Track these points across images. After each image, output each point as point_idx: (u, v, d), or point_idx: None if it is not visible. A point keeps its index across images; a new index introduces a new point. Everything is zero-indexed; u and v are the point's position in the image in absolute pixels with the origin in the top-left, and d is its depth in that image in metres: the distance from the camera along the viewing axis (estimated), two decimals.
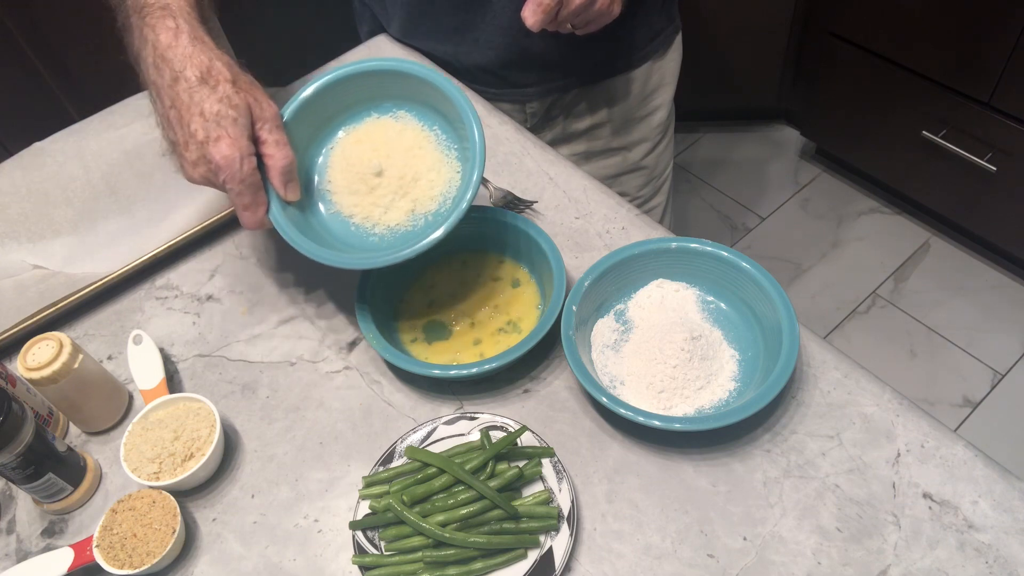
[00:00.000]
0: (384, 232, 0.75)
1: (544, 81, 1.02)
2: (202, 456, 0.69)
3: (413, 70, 0.75)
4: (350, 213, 0.76)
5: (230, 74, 0.68)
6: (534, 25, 0.74)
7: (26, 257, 0.85)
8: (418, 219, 0.75)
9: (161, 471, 0.68)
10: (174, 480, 0.67)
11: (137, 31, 0.70)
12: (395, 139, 0.77)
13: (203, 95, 0.66)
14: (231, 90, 0.67)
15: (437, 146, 0.76)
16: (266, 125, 0.68)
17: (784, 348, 0.68)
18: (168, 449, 0.69)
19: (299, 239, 0.70)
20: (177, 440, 0.69)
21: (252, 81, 0.70)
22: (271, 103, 0.69)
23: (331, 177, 0.77)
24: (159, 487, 0.67)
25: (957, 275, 1.94)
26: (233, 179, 0.66)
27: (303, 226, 0.72)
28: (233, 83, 0.67)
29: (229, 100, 0.66)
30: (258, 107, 0.68)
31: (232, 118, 0.66)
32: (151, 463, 0.68)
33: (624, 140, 1.10)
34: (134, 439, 0.70)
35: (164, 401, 0.73)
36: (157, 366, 0.76)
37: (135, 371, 0.76)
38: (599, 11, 0.77)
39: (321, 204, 0.77)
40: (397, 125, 0.78)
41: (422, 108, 0.77)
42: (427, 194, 0.75)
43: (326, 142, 0.79)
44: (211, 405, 0.71)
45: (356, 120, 0.79)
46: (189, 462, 0.69)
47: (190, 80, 0.66)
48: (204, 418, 0.71)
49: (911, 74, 1.70)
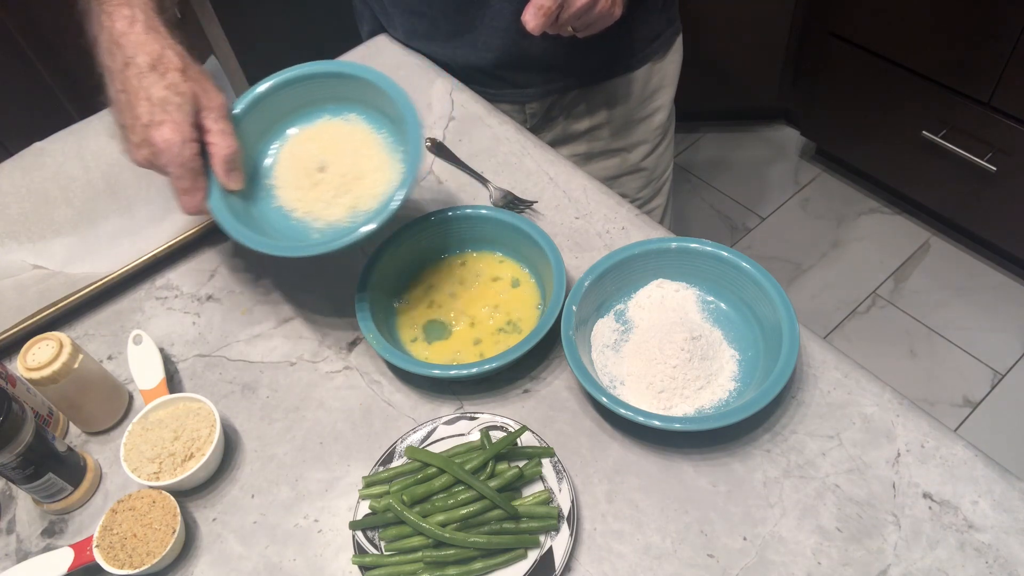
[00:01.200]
0: (324, 227, 0.76)
1: (543, 82, 1.01)
2: (202, 456, 0.69)
3: (362, 73, 0.77)
4: (292, 207, 0.77)
5: (180, 63, 0.69)
6: (535, 29, 0.74)
7: (26, 257, 0.85)
8: (358, 216, 0.75)
9: (161, 471, 0.68)
10: (174, 480, 0.67)
11: (95, 16, 0.72)
12: (343, 139, 0.78)
13: (151, 81, 0.68)
14: (179, 78, 0.69)
15: (384, 148, 0.78)
16: (211, 114, 0.70)
17: (784, 348, 0.68)
18: (168, 449, 0.69)
19: (235, 226, 0.71)
20: (177, 440, 0.69)
21: (203, 71, 0.72)
22: (219, 93, 0.71)
23: (277, 172, 0.79)
24: (159, 487, 0.67)
25: (957, 275, 1.94)
26: (173, 163, 0.68)
27: (243, 216, 0.73)
28: (182, 72, 0.69)
29: (176, 87, 0.68)
30: (205, 96, 0.70)
31: (177, 104, 0.68)
32: (151, 463, 0.68)
33: (624, 141, 1.09)
34: (134, 439, 0.70)
35: (164, 401, 0.73)
36: (157, 366, 0.76)
37: (135, 371, 0.76)
38: (600, 14, 0.77)
39: (266, 198, 0.78)
40: (347, 126, 0.80)
41: (373, 112, 0.79)
42: (369, 192, 0.76)
43: (276, 139, 0.80)
44: (211, 405, 0.71)
45: (308, 120, 0.81)
46: (189, 462, 0.69)
47: (140, 66, 0.68)
48: (204, 418, 0.71)
49: (911, 74, 1.70)
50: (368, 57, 1.07)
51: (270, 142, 0.80)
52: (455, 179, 0.92)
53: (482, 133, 0.96)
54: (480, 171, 0.92)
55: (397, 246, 0.80)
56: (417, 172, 0.72)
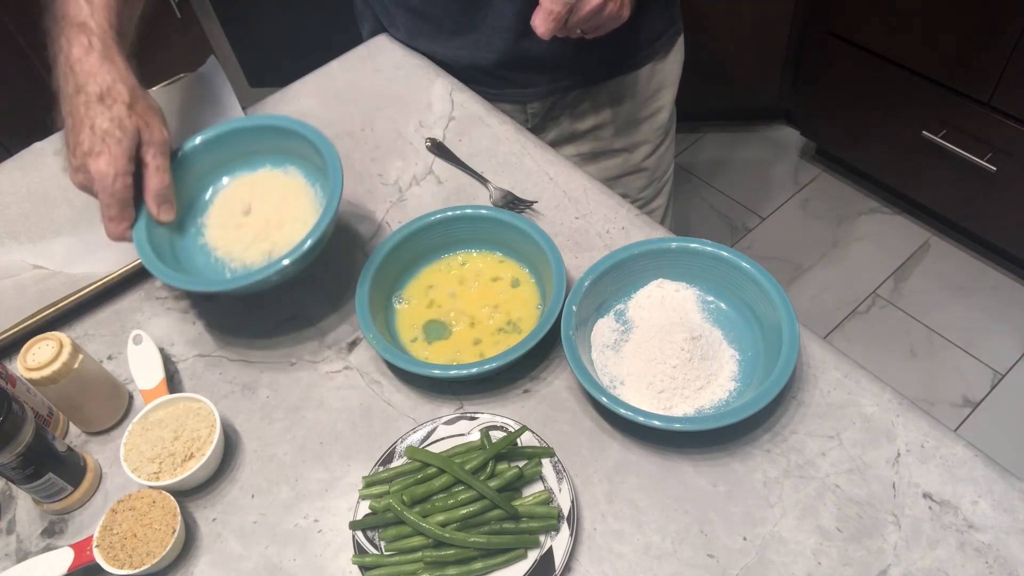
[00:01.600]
0: (238, 267, 0.79)
1: (545, 82, 1.01)
2: (202, 456, 0.69)
3: (300, 129, 0.80)
4: (215, 246, 0.81)
5: (128, 96, 0.72)
6: (545, 33, 0.75)
7: (26, 257, 0.85)
8: (281, 258, 0.75)
9: (161, 471, 0.68)
10: (174, 480, 0.67)
11: (55, 38, 0.74)
12: (275, 188, 0.82)
13: (97, 112, 0.71)
14: (124, 112, 0.72)
15: (312, 202, 0.81)
16: (151, 150, 0.73)
17: (784, 348, 0.68)
18: (168, 449, 0.69)
19: (148, 256, 0.74)
20: (177, 440, 0.69)
21: (150, 106, 0.74)
22: (162, 129, 0.74)
23: (210, 211, 0.83)
24: (159, 487, 0.67)
25: (957, 275, 1.94)
26: (103, 192, 0.72)
27: (165, 247, 0.77)
28: (128, 106, 0.72)
29: (119, 121, 0.71)
30: (148, 132, 0.73)
31: (117, 138, 0.71)
32: (151, 463, 0.68)
33: (626, 141, 1.09)
34: (134, 439, 0.70)
35: (164, 401, 0.73)
36: (157, 366, 0.76)
37: (135, 371, 0.76)
38: (609, 16, 0.77)
39: (195, 234, 0.82)
40: (284, 178, 0.84)
41: (311, 167, 0.83)
42: (287, 239, 0.78)
43: (218, 180, 0.84)
44: (211, 405, 0.71)
45: (251, 167, 0.85)
46: (189, 462, 0.69)
47: (90, 95, 0.71)
48: (204, 418, 0.71)
49: (911, 74, 1.70)
50: (368, 57, 1.07)
51: (213, 182, 0.84)
52: (455, 179, 0.93)
53: (482, 133, 0.96)
54: (480, 171, 0.92)
55: (397, 246, 0.80)
56: (331, 220, 0.74)
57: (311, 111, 1.03)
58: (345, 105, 1.03)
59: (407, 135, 0.98)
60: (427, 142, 0.96)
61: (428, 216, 0.82)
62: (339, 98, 1.04)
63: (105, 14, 0.74)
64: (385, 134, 0.99)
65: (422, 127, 0.98)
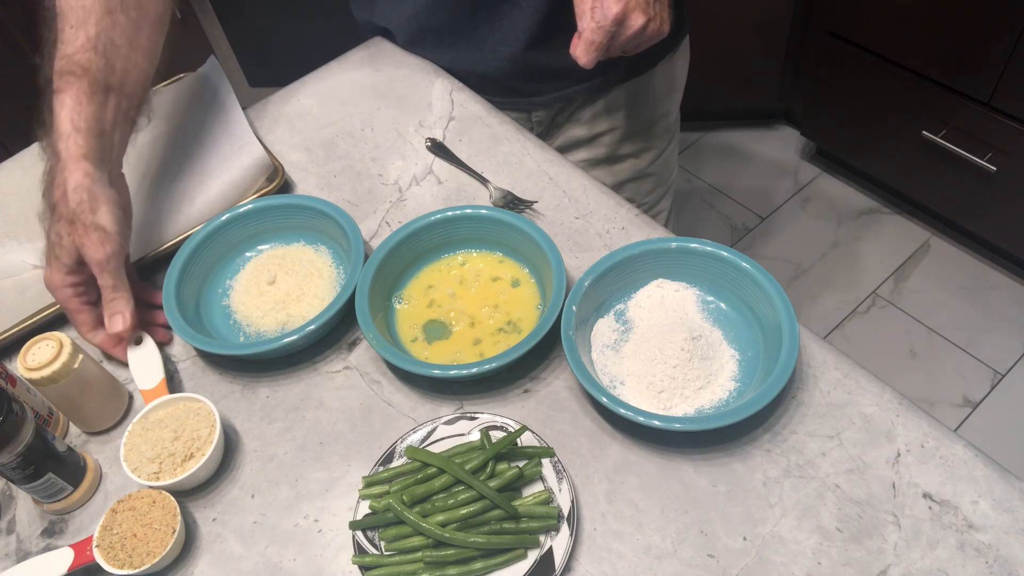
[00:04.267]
0: (252, 333, 0.81)
1: (551, 90, 1.00)
2: (202, 456, 0.69)
3: (338, 217, 0.83)
4: (235, 309, 0.83)
5: (71, 212, 0.71)
6: (588, 63, 0.73)
7: (26, 257, 0.85)
8: (285, 333, 0.76)
9: (161, 471, 0.68)
10: (174, 480, 0.67)
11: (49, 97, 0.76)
12: (303, 263, 0.85)
13: (49, 224, 0.74)
14: (65, 230, 0.72)
15: (333, 281, 0.84)
16: (95, 269, 0.73)
17: (784, 348, 0.68)
18: (168, 449, 0.69)
19: (175, 313, 0.78)
20: (177, 440, 0.69)
21: (95, 223, 0.72)
22: (102, 247, 0.72)
23: (239, 276, 0.86)
24: (159, 487, 0.67)
25: (957, 275, 1.94)
26: (59, 301, 0.76)
27: (189, 305, 0.81)
28: (70, 223, 0.72)
29: (59, 239, 0.73)
30: (87, 250, 0.72)
31: (55, 255, 0.73)
32: (151, 463, 0.68)
33: (632, 147, 1.08)
34: (134, 439, 0.70)
35: (164, 401, 0.73)
36: (157, 366, 0.76)
37: (135, 371, 0.76)
38: (650, 35, 0.73)
39: (222, 295, 0.85)
40: (314, 255, 0.86)
41: (339, 251, 0.86)
42: (300, 313, 0.81)
43: (254, 248, 0.88)
44: (211, 405, 0.71)
45: (286, 241, 0.88)
46: (189, 462, 0.69)
47: (50, 197, 0.73)
48: (204, 418, 0.71)
49: (911, 74, 1.70)
50: (368, 58, 1.07)
51: (250, 248, 0.88)
52: (455, 179, 0.93)
53: (482, 133, 0.96)
54: (480, 171, 0.92)
55: (397, 246, 0.80)
56: (343, 302, 0.76)
57: (311, 111, 1.03)
58: (345, 105, 1.03)
59: (407, 135, 0.98)
60: (427, 142, 0.96)
61: (428, 216, 0.82)
62: (339, 98, 1.04)
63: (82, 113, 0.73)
64: (385, 134, 0.99)
65: (422, 127, 0.98)
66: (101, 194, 0.72)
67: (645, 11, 0.70)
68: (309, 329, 0.75)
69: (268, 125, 1.01)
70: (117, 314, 0.75)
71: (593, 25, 0.70)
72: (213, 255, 0.85)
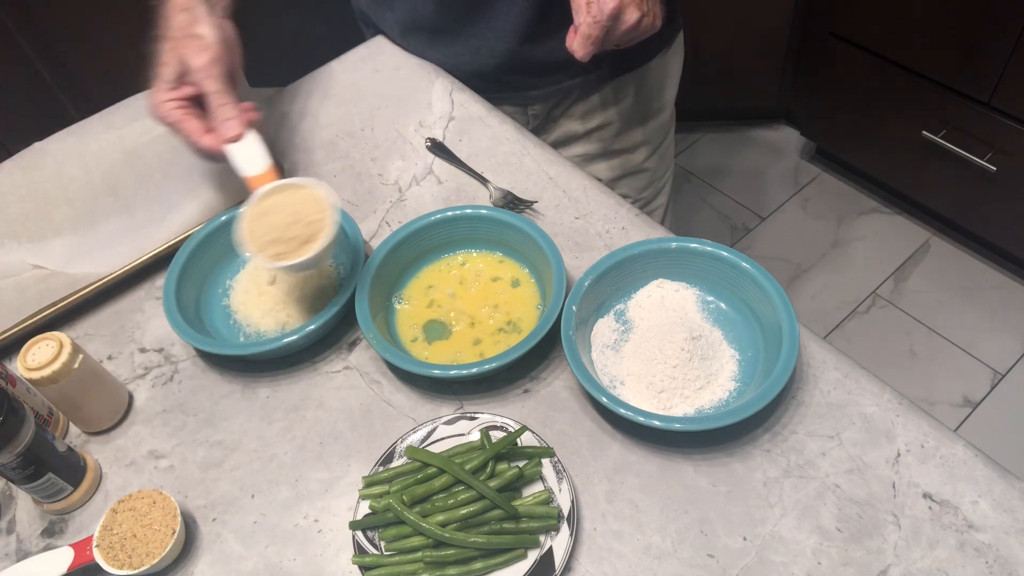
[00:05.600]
0: (252, 333, 0.81)
1: (546, 84, 1.01)
2: (322, 240, 0.70)
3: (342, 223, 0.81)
4: (235, 309, 0.83)
5: (172, 31, 0.76)
6: (584, 57, 0.74)
7: (26, 257, 0.85)
8: (284, 333, 0.77)
9: (284, 252, 0.70)
10: (299, 260, 0.69)
11: None
12: None
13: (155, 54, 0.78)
14: (167, 46, 0.76)
15: (333, 281, 0.83)
16: (199, 76, 0.75)
17: (784, 348, 0.68)
18: (289, 232, 0.70)
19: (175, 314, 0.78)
20: (296, 223, 0.71)
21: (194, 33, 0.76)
22: (203, 52, 0.75)
23: (239, 276, 0.86)
24: (283, 267, 0.70)
25: (957, 275, 1.94)
26: (161, 122, 0.78)
27: (189, 304, 0.81)
28: (172, 39, 0.76)
29: (161, 57, 0.76)
30: (189, 57, 0.75)
31: (157, 75, 0.76)
32: (272, 245, 0.70)
33: (626, 142, 1.09)
34: (250, 223, 0.72)
35: (272, 188, 0.73)
36: (261, 153, 0.77)
37: (239, 160, 0.76)
38: (644, 30, 0.76)
39: (222, 295, 0.85)
40: None
41: (338, 251, 0.84)
42: (300, 313, 0.81)
43: None
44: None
45: None
46: (309, 244, 0.70)
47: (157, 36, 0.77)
48: (318, 203, 0.72)
49: (911, 74, 1.70)
50: (368, 57, 1.07)
51: None
52: (455, 179, 0.93)
53: (482, 133, 0.96)
54: (480, 171, 0.92)
55: (397, 246, 0.80)
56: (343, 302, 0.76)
57: (311, 111, 1.03)
58: (345, 105, 1.03)
59: (407, 135, 0.98)
60: (427, 142, 0.96)
61: (428, 216, 0.82)
62: (339, 98, 1.04)
63: None
64: (385, 134, 0.99)
65: (422, 127, 0.98)
66: (202, 15, 0.76)
67: (639, 7, 0.72)
68: (309, 329, 0.75)
69: (268, 125, 1.01)
70: (230, 119, 0.76)
71: (590, 20, 0.72)
72: (213, 255, 0.85)
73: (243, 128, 0.76)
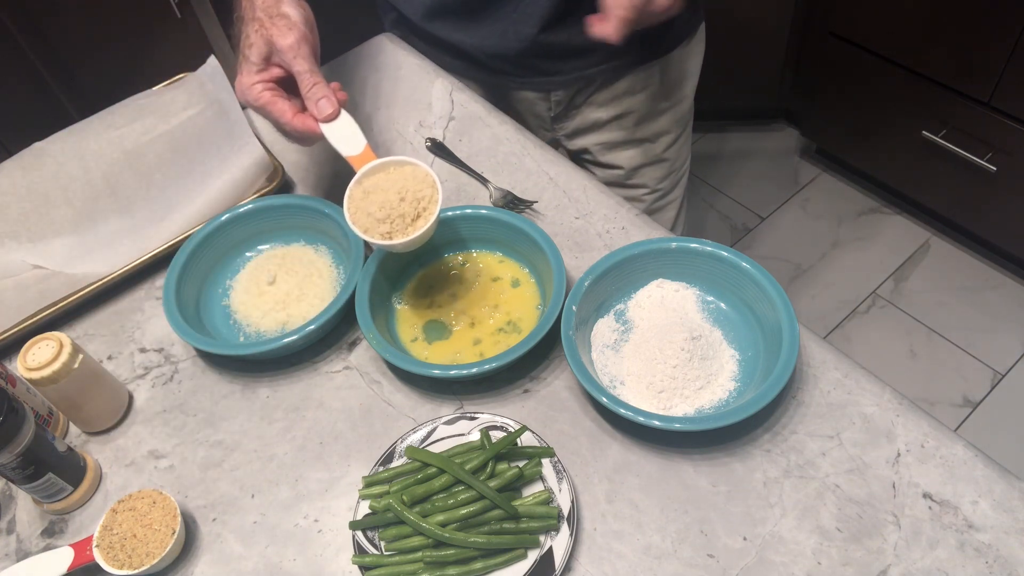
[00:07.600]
0: (252, 333, 0.81)
1: (570, 70, 1.01)
2: (430, 216, 0.71)
3: (338, 216, 0.81)
4: (235, 309, 0.84)
5: (256, 12, 0.76)
6: (619, 39, 0.74)
7: (26, 257, 0.85)
8: (285, 333, 0.77)
9: (393, 231, 0.71)
10: (408, 239, 0.70)
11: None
12: (303, 263, 0.85)
13: (240, 33, 0.79)
14: (252, 28, 0.76)
15: (333, 281, 0.84)
16: (287, 56, 0.75)
17: (784, 348, 0.68)
18: (397, 210, 0.71)
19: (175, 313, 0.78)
20: (404, 201, 0.71)
21: (280, 12, 0.76)
22: (290, 32, 0.75)
23: (240, 276, 0.86)
24: (391, 245, 0.71)
25: (957, 275, 1.94)
26: (251, 106, 0.77)
27: (190, 305, 0.81)
28: (257, 21, 0.76)
29: (247, 40, 0.76)
30: (276, 38, 0.75)
31: (244, 58, 0.76)
32: (381, 223, 0.71)
33: (647, 131, 1.09)
34: (356, 203, 0.72)
35: (373, 167, 0.74)
36: (356, 132, 0.77)
37: (336, 141, 0.76)
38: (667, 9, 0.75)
39: (221, 295, 0.85)
40: (314, 255, 0.86)
41: (339, 251, 0.86)
42: (300, 313, 0.81)
43: (254, 248, 0.88)
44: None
45: (285, 241, 0.88)
46: (418, 221, 0.71)
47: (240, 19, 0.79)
48: (422, 179, 0.72)
49: (911, 74, 1.70)
50: (368, 57, 1.07)
51: (249, 248, 0.88)
52: (455, 179, 0.93)
53: (482, 133, 0.96)
54: (480, 171, 0.92)
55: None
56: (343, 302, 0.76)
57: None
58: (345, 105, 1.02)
59: (407, 135, 0.98)
60: (427, 142, 0.96)
61: None
62: None
63: None
64: (385, 134, 0.99)
65: (422, 127, 0.98)
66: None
67: None
68: (309, 329, 0.75)
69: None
70: (322, 98, 0.76)
71: (625, 2, 0.72)
72: (213, 255, 0.85)
73: (337, 107, 0.76)
